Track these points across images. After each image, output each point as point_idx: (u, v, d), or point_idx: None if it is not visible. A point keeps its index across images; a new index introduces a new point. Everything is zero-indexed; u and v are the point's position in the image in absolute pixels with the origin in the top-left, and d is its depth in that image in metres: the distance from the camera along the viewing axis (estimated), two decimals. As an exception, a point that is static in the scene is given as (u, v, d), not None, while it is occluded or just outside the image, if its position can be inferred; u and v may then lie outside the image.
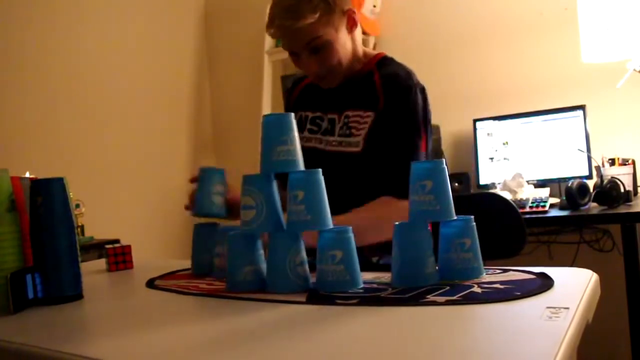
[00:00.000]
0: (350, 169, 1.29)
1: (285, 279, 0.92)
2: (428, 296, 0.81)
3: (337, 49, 1.24)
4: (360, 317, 0.76)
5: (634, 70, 2.12)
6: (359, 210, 1.20)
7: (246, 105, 3.27)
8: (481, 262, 0.93)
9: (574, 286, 0.80)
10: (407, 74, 1.30)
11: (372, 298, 0.84)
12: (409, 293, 0.84)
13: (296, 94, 1.48)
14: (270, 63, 3.12)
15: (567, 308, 0.68)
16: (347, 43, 1.27)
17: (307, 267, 0.94)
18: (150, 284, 1.09)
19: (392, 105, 1.27)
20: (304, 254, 0.94)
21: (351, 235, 0.92)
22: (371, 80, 1.31)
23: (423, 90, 1.31)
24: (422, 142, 1.28)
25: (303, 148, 1.27)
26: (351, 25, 1.28)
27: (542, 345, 0.57)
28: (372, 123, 1.28)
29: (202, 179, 1.21)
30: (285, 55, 3.10)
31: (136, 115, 3.00)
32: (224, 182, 1.22)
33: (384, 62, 1.35)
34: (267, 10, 1.26)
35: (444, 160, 0.95)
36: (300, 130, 1.35)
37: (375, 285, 0.91)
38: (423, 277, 0.90)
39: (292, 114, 1.01)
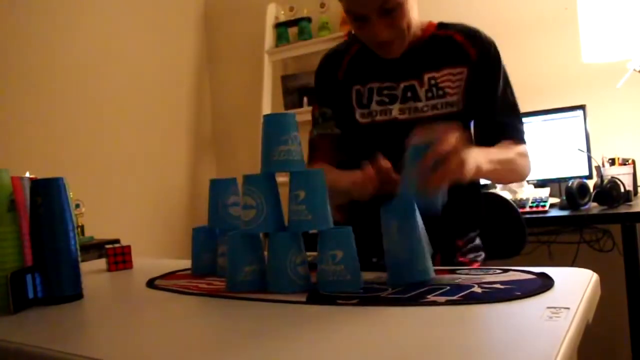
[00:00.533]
0: None
1: (285, 279, 0.92)
2: (428, 296, 0.81)
3: (407, 11, 1.18)
4: (360, 317, 0.76)
5: (634, 70, 2.12)
6: (505, 150, 1.21)
7: (246, 105, 3.27)
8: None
9: (574, 286, 0.80)
10: (479, 29, 1.32)
11: (372, 298, 0.84)
12: (409, 293, 0.84)
13: (344, 67, 1.35)
14: (270, 63, 3.12)
15: (568, 308, 0.68)
16: (414, 6, 1.23)
17: (307, 266, 0.94)
18: (151, 283, 1.09)
19: (487, 57, 1.27)
20: (304, 253, 0.94)
21: (351, 235, 0.92)
22: (447, 39, 1.28)
23: None
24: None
25: (375, 124, 1.28)
26: None
27: (542, 346, 0.57)
28: (467, 78, 1.25)
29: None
30: (285, 54, 3.12)
31: (136, 115, 3.00)
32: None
33: (445, 25, 1.32)
34: (267, 10, 1.25)
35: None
36: (363, 106, 1.30)
37: (375, 285, 0.91)
38: (415, 273, 0.90)
39: (294, 115, 0.98)
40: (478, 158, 1.04)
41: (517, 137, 1.27)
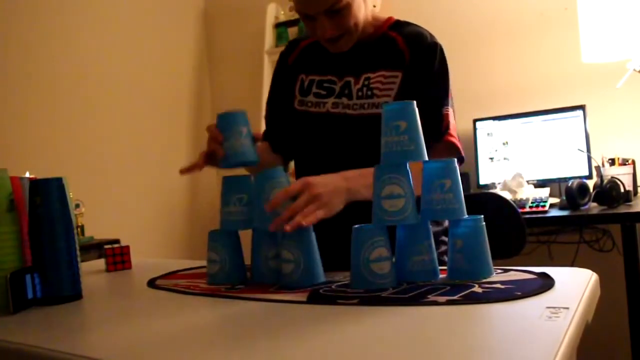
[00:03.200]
0: (378, 131, 1.23)
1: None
2: (429, 296, 0.81)
3: (355, 11, 1.21)
4: (360, 317, 0.76)
5: (634, 70, 2.12)
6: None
7: (246, 105, 3.25)
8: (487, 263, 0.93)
9: (574, 286, 0.80)
10: (429, 33, 1.29)
11: (373, 298, 0.84)
12: (409, 293, 0.84)
13: (295, 54, 1.40)
14: (270, 63, 3.12)
15: (567, 308, 0.68)
16: (361, 5, 1.24)
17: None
18: (151, 283, 1.09)
19: (420, 62, 1.25)
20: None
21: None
22: (391, 41, 1.29)
23: (442, 50, 1.30)
24: (450, 98, 1.28)
25: (309, 113, 1.30)
26: None
27: (542, 346, 0.57)
28: (400, 82, 1.25)
29: (228, 124, 1.09)
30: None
31: (136, 115, 3.00)
32: (248, 125, 1.10)
33: (399, 24, 1.33)
34: (267, 10, 1.26)
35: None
36: (303, 94, 1.33)
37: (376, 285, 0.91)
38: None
39: (245, 113, 1.03)
40: (342, 183, 1.04)
41: (433, 139, 1.23)
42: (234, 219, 1.04)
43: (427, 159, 0.94)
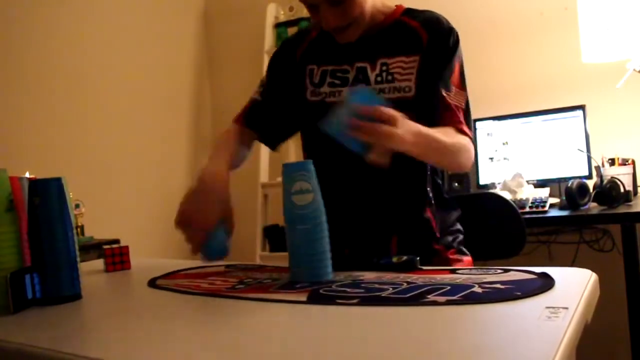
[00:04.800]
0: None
1: None
2: (429, 296, 0.81)
3: (359, 0, 1.19)
4: (360, 316, 0.76)
5: (634, 70, 2.12)
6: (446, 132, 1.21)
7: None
8: None
9: (573, 286, 0.80)
10: (445, 18, 1.30)
11: (373, 298, 0.84)
12: (409, 293, 0.84)
13: (305, 46, 1.38)
14: (270, 63, 3.12)
15: (566, 308, 0.68)
16: None
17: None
18: (152, 283, 1.09)
19: (439, 46, 1.25)
20: None
21: None
22: (407, 27, 1.28)
23: (458, 35, 1.31)
24: (464, 79, 1.30)
25: (324, 103, 1.29)
26: None
27: (541, 346, 0.57)
28: (419, 66, 1.25)
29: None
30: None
31: (136, 115, 3.00)
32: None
33: (410, 11, 1.32)
34: (267, 10, 1.26)
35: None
36: (315, 85, 1.32)
37: (376, 285, 0.91)
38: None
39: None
40: (414, 137, 1.07)
41: (458, 127, 1.26)
42: None
43: None
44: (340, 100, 1.03)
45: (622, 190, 1.97)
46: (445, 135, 1.19)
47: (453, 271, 1.00)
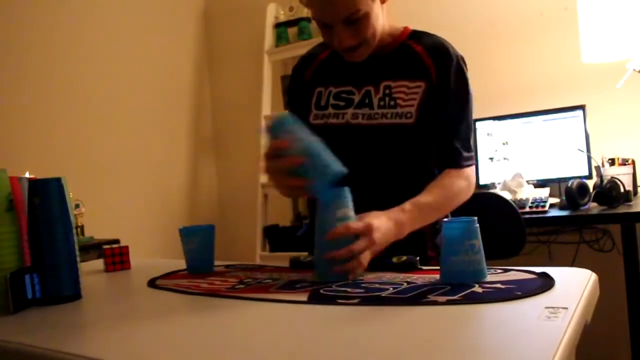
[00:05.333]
0: (401, 141, 1.25)
1: None
2: (429, 296, 0.81)
3: (373, 21, 1.20)
4: (361, 316, 0.76)
5: (634, 70, 2.12)
6: (441, 191, 1.22)
7: (246, 105, 3.27)
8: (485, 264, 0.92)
9: (573, 286, 0.80)
10: (449, 44, 1.30)
11: (373, 298, 0.84)
12: (409, 293, 0.84)
13: (312, 69, 1.39)
14: (270, 63, 3.12)
15: (566, 308, 0.68)
16: (379, 15, 1.23)
17: None
18: (152, 283, 1.09)
19: (447, 76, 1.26)
20: None
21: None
22: (412, 51, 1.28)
23: (465, 62, 1.31)
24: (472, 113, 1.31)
25: (327, 126, 1.29)
26: None
27: (540, 346, 0.57)
28: (424, 93, 1.25)
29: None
30: (285, 55, 3.12)
31: (136, 115, 3.00)
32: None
33: (417, 34, 1.32)
34: (267, 10, 1.26)
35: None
36: (320, 108, 1.32)
37: (376, 285, 0.91)
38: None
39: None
40: (390, 226, 1.07)
41: (460, 164, 1.27)
42: None
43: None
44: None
45: (622, 190, 1.97)
46: (439, 191, 1.21)
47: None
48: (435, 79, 1.25)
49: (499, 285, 0.84)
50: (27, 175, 1.21)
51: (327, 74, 1.36)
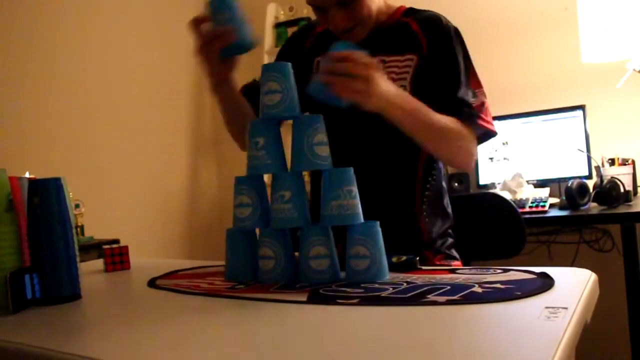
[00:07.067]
0: None
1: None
2: (429, 296, 0.81)
3: (367, 1, 1.20)
4: (360, 316, 0.76)
5: (634, 70, 2.12)
6: (443, 117, 1.19)
7: (246, 105, 3.27)
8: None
9: (573, 286, 0.80)
10: (443, 17, 1.29)
11: (373, 298, 0.84)
12: (409, 293, 0.84)
13: (311, 40, 1.39)
14: (270, 63, 3.12)
15: (566, 308, 0.68)
16: None
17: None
18: (152, 283, 1.09)
19: (440, 46, 1.24)
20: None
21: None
22: (405, 26, 1.28)
23: (459, 32, 1.30)
24: (476, 76, 1.28)
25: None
26: None
27: (540, 345, 0.57)
28: (416, 66, 1.24)
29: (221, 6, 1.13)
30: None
31: (136, 115, 3.00)
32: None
33: (412, 11, 1.32)
34: (267, 10, 1.26)
35: None
36: None
37: (376, 285, 0.91)
38: None
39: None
40: (394, 94, 1.07)
41: (466, 120, 1.23)
42: (282, 216, 0.99)
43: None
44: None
45: (622, 190, 1.97)
46: (441, 116, 1.18)
47: (453, 271, 1.00)
48: (427, 52, 1.25)
49: (498, 285, 0.84)
50: (27, 175, 1.21)
51: (324, 46, 1.33)
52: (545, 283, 0.83)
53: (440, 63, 1.25)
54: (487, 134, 1.29)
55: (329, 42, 1.33)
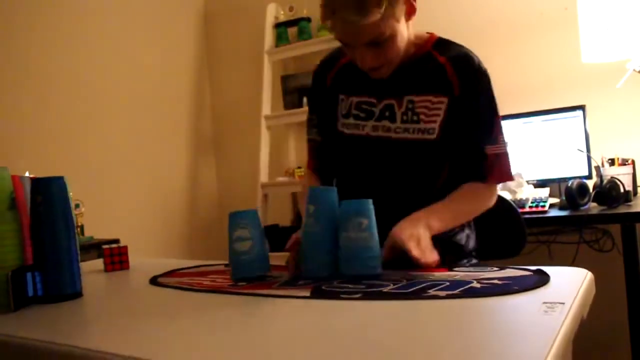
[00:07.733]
0: (423, 157, 1.24)
1: None
2: (430, 291, 0.82)
3: (397, 42, 1.17)
4: (363, 311, 0.77)
5: (634, 70, 2.12)
6: (460, 200, 1.23)
7: (246, 105, 3.28)
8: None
9: (570, 284, 0.82)
10: (475, 56, 1.27)
11: (375, 293, 0.84)
12: (410, 288, 0.85)
13: (333, 73, 1.35)
14: (270, 63, 3.12)
15: (563, 303, 0.69)
16: (404, 32, 1.19)
17: None
18: (154, 281, 1.09)
19: (472, 92, 1.23)
20: None
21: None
22: (437, 64, 1.24)
23: (489, 77, 1.29)
24: (499, 122, 1.30)
25: (350, 135, 1.29)
26: (410, 13, 1.19)
27: (538, 338, 0.58)
28: (447, 109, 1.23)
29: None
30: (285, 55, 3.12)
31: (136, 115, 3.00)
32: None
33: (442, 44, 1.28)
34: (267, 10, 1.25)
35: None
36: (345, 116, 1.30)
37: (377, 282, 0.92)
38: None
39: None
40: (431, 222, 1.12)
41: (483, 178, 1.26)
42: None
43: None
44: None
45: (622, 190, 1.97)
46: (462, 202, 1.24)
47: (451, 269, 1.01)
48: (459, 93, 1.23)
49: (495, 282, 0.85)
50: (27, 174, 1.21)
51: (348, 80, 1.32)
52: (541, 279, 0.84)
53: (470, 108, 1.24)
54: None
55: (350, 78, 1.32)
